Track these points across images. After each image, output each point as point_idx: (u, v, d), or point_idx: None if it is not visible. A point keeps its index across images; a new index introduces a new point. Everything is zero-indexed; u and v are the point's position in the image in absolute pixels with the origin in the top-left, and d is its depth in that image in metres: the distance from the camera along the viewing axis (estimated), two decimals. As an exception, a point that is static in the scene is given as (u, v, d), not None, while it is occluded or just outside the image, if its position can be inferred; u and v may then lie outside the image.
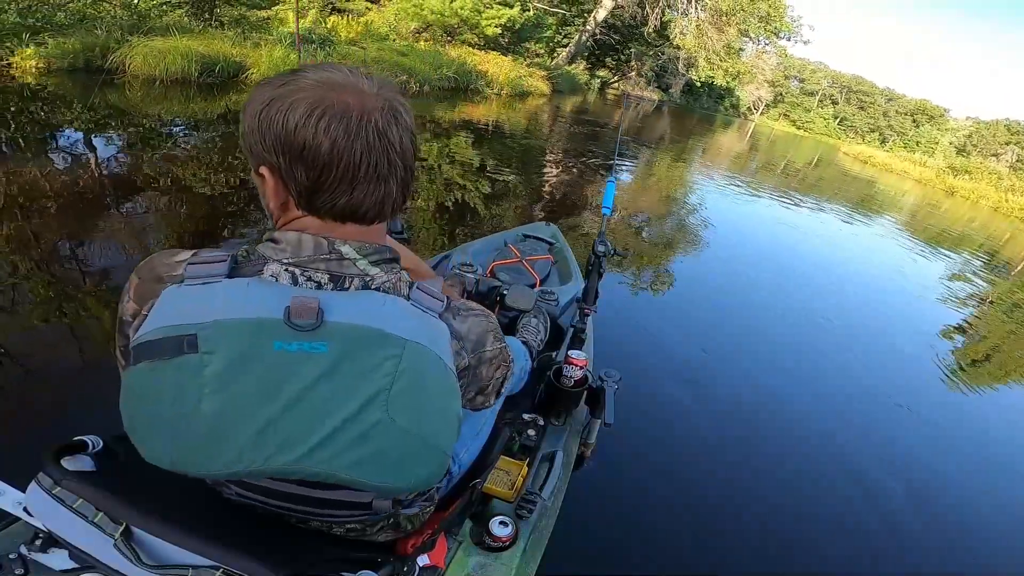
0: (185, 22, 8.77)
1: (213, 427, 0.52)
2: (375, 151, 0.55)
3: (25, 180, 3.35)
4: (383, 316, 0.56)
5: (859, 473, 2.22)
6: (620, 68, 26.34)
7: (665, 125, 18.15)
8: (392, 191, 0.59)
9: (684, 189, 7.63)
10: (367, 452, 0.54)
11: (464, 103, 10.60)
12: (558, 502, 1.17)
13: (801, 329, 3.58)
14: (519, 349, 1.23)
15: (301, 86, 0.55)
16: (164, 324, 0.53)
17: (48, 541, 0.61)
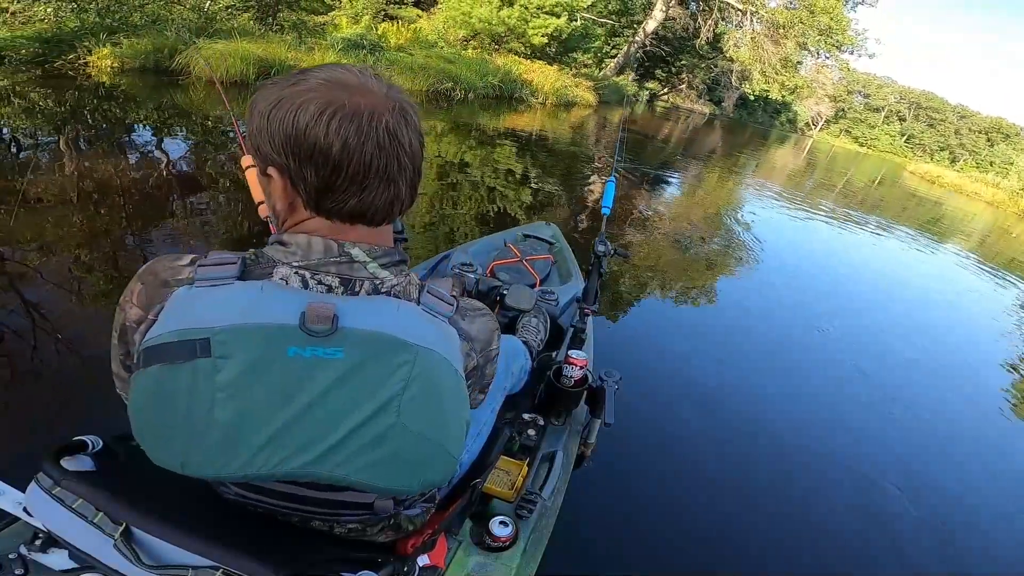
0: (249, 26, 9.35)
1: (226, 432, 0.52)
2: (386, 152, 0.56)
3: (98, 175, 3.66)
4: (397, 322, 0.57)
5: (865, 481, 2.21)
6: (670, 80, 26.17)
7: (716, 139, 17.87)
8: (401, 192, 0.59)
9: (733, 205, 7.49)
10: (379, 456, 0.55)
11: (508, 112, 10.80)
12: (558, 502, 1.18)
13: (836, 351, 3.46)
14: (519, 348, 1.28)
15: (311, 86, 0.55)
16: (177, 327, 0.53)
17: (48, 541, 0.62)
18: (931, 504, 2.18)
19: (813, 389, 2.89)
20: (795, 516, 1.95)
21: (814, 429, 2.50)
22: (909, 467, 2.40)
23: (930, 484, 2.32)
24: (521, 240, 2.36)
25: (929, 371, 3.48)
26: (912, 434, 2.68)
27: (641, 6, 21.04)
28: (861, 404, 2.84)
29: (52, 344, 1.91)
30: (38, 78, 6.12)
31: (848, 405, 2.81)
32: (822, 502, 2.05)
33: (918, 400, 3.02)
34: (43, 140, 4.39)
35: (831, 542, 1.86)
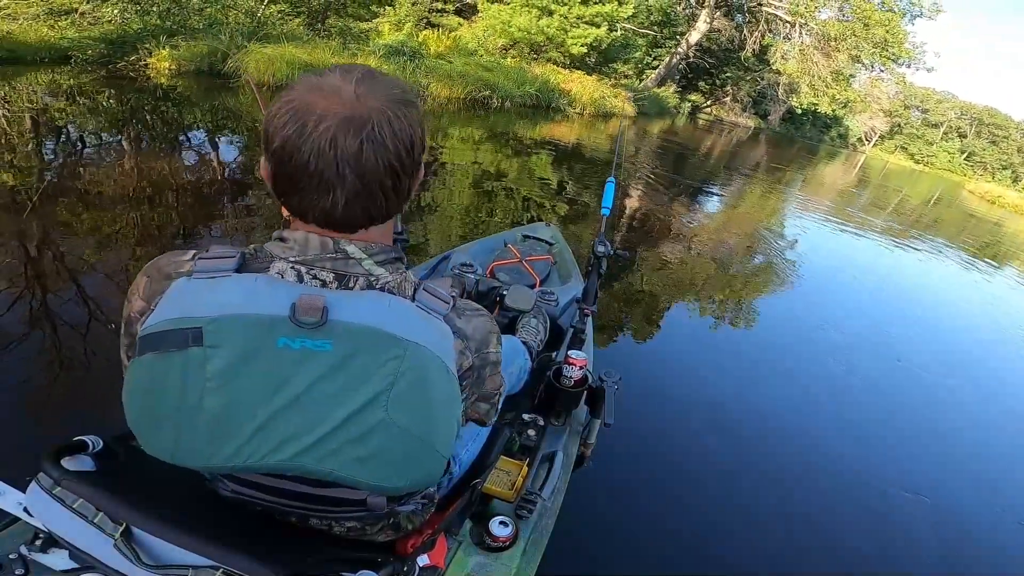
0: (299, 31, 9.82)
1: (215, 422, 0.54)
2: (324, 158, 0.55)
3: (153, 174, 3.92)
4: (388, 317, 0.58)
5: (869, 486, 2.22)
6: (714, 93, 25.94)
7: (760, 153, 17.58)
8: (339, 202, 0.57)
9: (776, 222, 7.36)
10: (366, 451, 0.56)
11: (545, 121, 10.94)
12: (558, 502, 1.19)
13: (859, 373, 3.35)
14: (519, 349, 1.31)
15: (302, 84, 0.57)
16: (171, 316, 0.55)
17: (48, 541, 0.64)
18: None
19: (826, 402, 2.87)
20: (796, 517, 1.97)
21: (819, 437, 2.51)
22: (924, 480, 2.34)
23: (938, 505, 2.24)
24: (521, 241, 2.39)
25: (968, 409, 3.26)
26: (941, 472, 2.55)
27: (684, 17, 21.00)
28: (875, 420, 2.79)
29: (107, 338, 2.03)
30: (102, 79, 6.58)
31: (859, 419, 2.76)
32: (823, 504, 2.07)
33: (950, 439, 2.85)
34: (105, 139, 4.73)
35: (833, 545, 1.89)
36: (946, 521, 2.13)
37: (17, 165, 3.71)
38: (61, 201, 3.21)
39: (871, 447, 2.51)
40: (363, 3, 13.75)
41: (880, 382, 3.22)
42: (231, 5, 9.03)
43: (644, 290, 3.77)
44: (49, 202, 3.17)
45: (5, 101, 5.19)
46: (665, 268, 4.29)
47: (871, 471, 2.31)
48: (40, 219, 2.96)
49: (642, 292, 3.73)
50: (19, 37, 6.68)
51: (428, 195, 4.73)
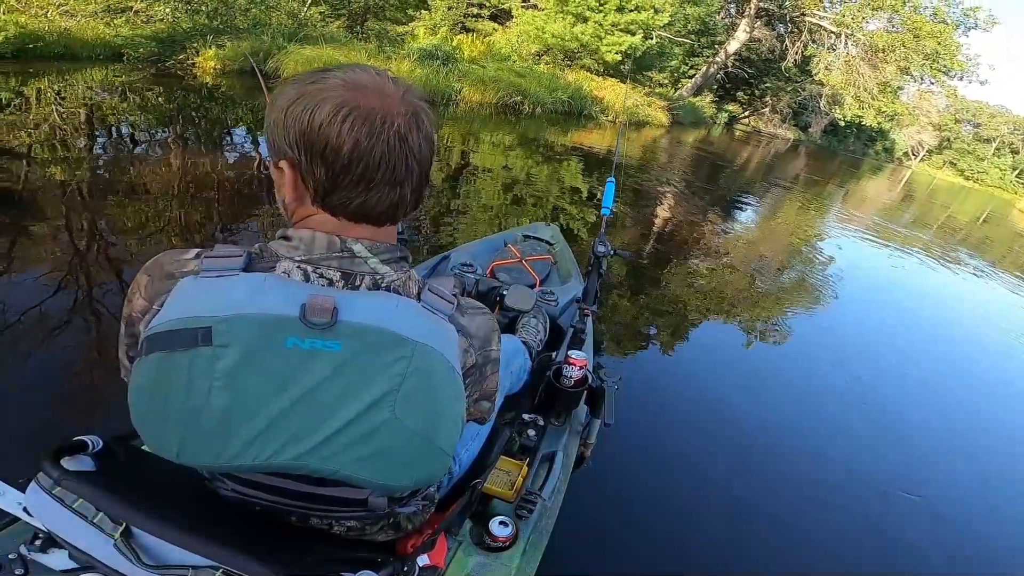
0: (338, 33, 10.16)
1: (221, 421, 0.54)
2: (394, 155, 0.58)
3: (198, 171, 4.13)
4: (396, 318, 0.59)
5: (874, 494, 2.24)
6: (752, 103, 25.62)
7: (800, 166, 17.27)
8: (406, 195, 0.62)
9: (814, 237, 7.24)
10: (371, 450, 0.57)
11: (576, 128, 11.00)
12: (558, 502, 1.21)
13: (878, 393, 3.26)
14: (519, 349, 1.34)
15: (329, 85, 0.58)
16: (179, 316, 0.56)
17: (48, 541, 0.64)
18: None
19: (834, 412, 2.85)
20: (796, 517, 2.01)
21: (823, 444, 2.54)
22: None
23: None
24: (521, 241, 2.42)
25: (1002, 447, 3.07)
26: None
27: (723, 27, 20.83)
28: (882, 433, 2.77)
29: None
30: (151, 77, 6.95)
31: (867, 431, 2.75)
32: (823, 505, 2.11)
33: (973, 476, 2.68)
34: (152, 136, 5.01)
35: (833, 547, 1.92)
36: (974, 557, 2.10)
37: (69, 159, 3.97)
38: (108, 196, 3.43)
39: (878, 457, 2.52)
40: (401, 7, 14.13)
41: (896, 399, 3.17)
42: (274, 6, 9.42)
43: (669, 297, 3.79)
44: (97, 196, 3.39)
45: (60, 97, 5.53)
46: (693, 278, 4.30)
47: (875, 477, 2.34)
48: (88, 212, 3.17)
49: (666, 299, 3.75)
50: (76, 34, 7.10)
51: (458, 200, 4.85)
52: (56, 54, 6.71)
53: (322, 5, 11.42)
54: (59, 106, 5.20)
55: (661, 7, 14.08)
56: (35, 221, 2.92)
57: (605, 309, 3.30)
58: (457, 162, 6.45)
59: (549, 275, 2.22)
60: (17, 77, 5.95)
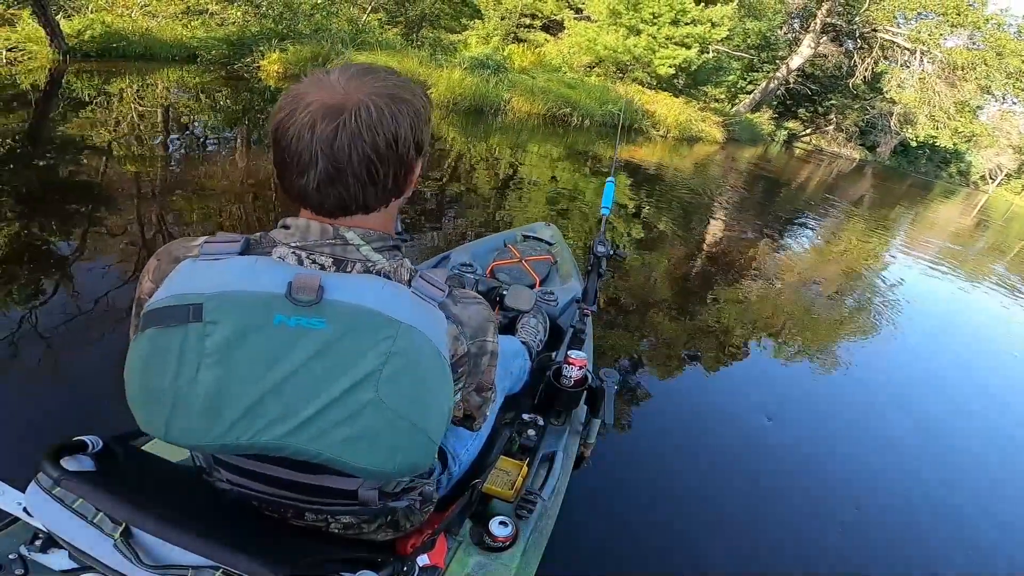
0: (395, 40, 10.60)
1: (209, 398, 0.56)
2: (302, 141, 0.60)
3: (261, 171, 4.42)
4: (382, 298, 0.61)
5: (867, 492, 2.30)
6: (815, 121, 24.89)
7: (865, 187, 16.67)
8: (310, 183, 0.62)
9: (875, 264, 7.00)
10: (354, 432, 0.58)
11: (626, 142, 11.04)
12: (558, 502, 1.23)
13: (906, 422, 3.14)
14: (519, 349, 1.37)
15: (309, 77, 0.64)
16: (174, 293, 0.59)
17: (48, 541, 0.66)
18: None
19: (845, 427, 2.85)
20: (796, 517, 2.07)
21: (826, 451, 2.58)
22: None
23: None
24: (521, 241, 2.46)
25: None
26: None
27: (786, 41, 20.42)
28: (892, 445, 2.75)
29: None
30: (221, 78, 7.48)
31: (880, 443, 2.74)
32: (823, 507, 2.17)
33: None
34: (221, 136, 5.39)
35: (834, 544, 1.99)
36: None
37: (143, 156, 4.34)
38: (176, 192, 3.74)
39: (887, 469, 2.53)
40: (455, 16, 14.60)
41: (947, 449, 2.95)
42: (335, 12, 9.94)
43: (711, 317, 3.79)
44: (166, 192, 3.71)
45: (139, 96, 6.03)
46: (740, 299, 4.28)
47: (881, 486, 2.36)
48: (156, 207, 3.46)
49: (708, 318, 3.75)
50: (156, 35, 7.73)
51: (503, 211, 4.98)
52: (137, 54, 7.33)
53: (380, 12, 11.96)
54: (137, 105, 5.68)
55: (719, 21, 13.98)
56: (108, 214, 3.23)
57: (642, 324, 3.34)
58: (505, 172, 6.61)
59: (549, 275, 2.25)
60: (100, 76, 6.54)
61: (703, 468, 2.21)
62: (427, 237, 3.89)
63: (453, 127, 8.42)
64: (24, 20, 6.61)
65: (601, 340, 2.95)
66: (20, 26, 6.61)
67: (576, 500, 1.40)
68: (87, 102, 5.52)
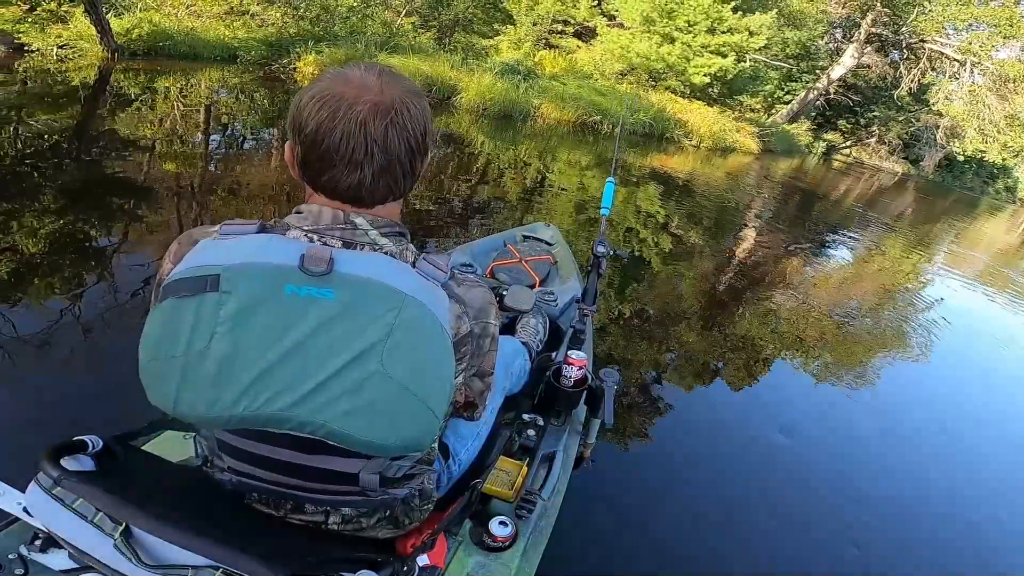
0: (427, 44, 10.79)
1: (219, 367, 0.59)
2: (353, 138, 0.65)
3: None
4: (387, 272, 0.65)
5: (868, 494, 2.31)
6: (855, 132, 24.34)
7: (907, 202, 16.23)
8: (366, 178, 0.68)
9: (913, 282, 6.83)
10: (358, 404, 0.60)
11: (657, 152, 11.03)
12: (558, 502, 1.24)
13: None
14: (519, 349, 1.40)
15: (324, 77, 0.68)
16: (193, 265, 0.63)
17: (48, 541, 0.67)
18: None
19: (851, 437, 2.86)
20: (796, 520, 2.11)
21: (829, 457, 2.61)
22: None
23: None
24: (521, 241, 2.49)
25: None
26: None
27: (827, 51, 20.05)
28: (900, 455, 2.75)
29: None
30: (259, 79, 7.75)
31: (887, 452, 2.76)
32: (823, 508, 2.21)
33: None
34: (258, 136, 5.60)
35: (834, 547, 2.02)
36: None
37: (184, 154, 4.54)
38: (214, 189, 3.91)
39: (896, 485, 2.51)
40: (488, 21, 14.77)
41: (974, 483, 2.79)
42: (370, 15, 10.18)
43: (737, 332, 3.77)
44: (205, 190, 3.88)
45: (182, 95, 6.30)
46: (769, 314, 4.25)
47: (897, 520, 2.33)
48: (195, 204, 3.62)
49: (734, 333, 3.73)
50: (200, 34, 8.04)
51: (531, 215, 5.04)
52: (181, 53, 7.64)
53: (414, 16, 12.20)
54: (180, 103, 5.93)
55: (757, 30, 13.83)
56: (149, 211, 3.40)
57: (665, 334, 3.36)
58: (532, 179, 6.68)
59: (549, 275, 2.28)
60: (146, 74, 6.85)
61: (706, 471, 2.25)
62: (448, 242, 3.96)
63: (482, 132, 8.56)
64: (77, 18, 6.94)
65: (622, 348, 2.99)
66: (73, 23, 6.95)
67: (576, 500, 1.41)
68: (133, 100, 5.79)
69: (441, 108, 8.86)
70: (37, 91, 5.54)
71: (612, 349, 2.96)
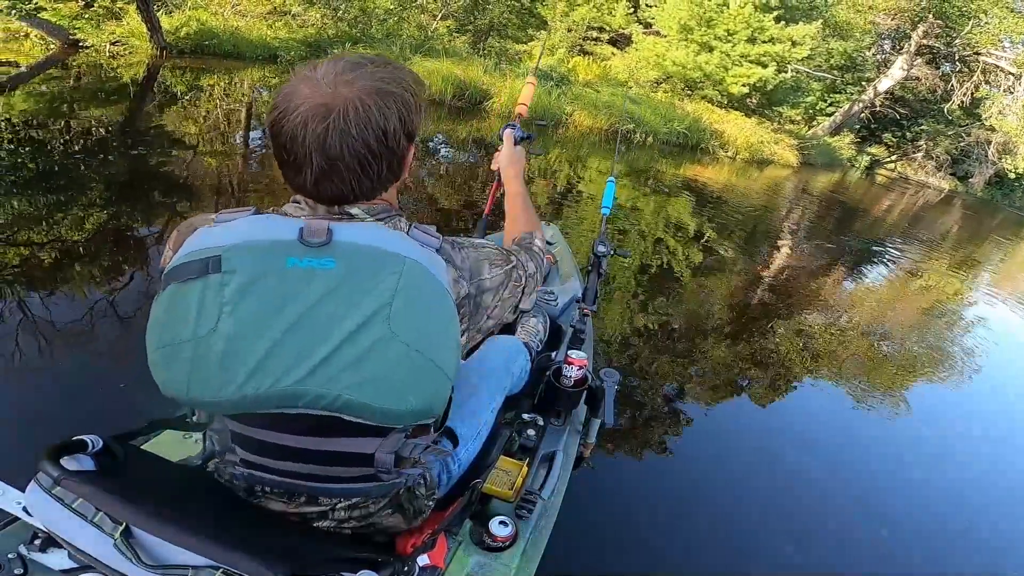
0: (462, 48, 10.94)
1: (228, 346, 0.60)
2: (295, 140, 0.65)
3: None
4: (385, 239, 0.66)
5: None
6: (901, 147, 23.64)
7: (953, 221, 15.70)
8: (307, 179, 0.67)
9: (956, 303, 6.62)
10: (369, 370, 0.61)
11: (691, 162, 10.97)
12: (558, 502, 1.26)
13: None
14: (519, 349, 1.42)
15: (300, 72, 0.69)
16: (193, 250, 0.64)
17: (48, 541, 0.67)
18: None
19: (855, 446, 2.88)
20: (796, 518, 2.14)
21: (824, 450, 2.67)
22: None
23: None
24: None
25: None
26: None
27: (874, 63, 19.56)
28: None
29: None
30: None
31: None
32: (823, 510, 2.24)
33: None
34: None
35: (832, 548, 2.05)
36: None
37: (225, 152, 4.73)
38: (252, 188, 4.04)
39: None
40: (522, 26, 14.87)
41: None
42: (407, 18, 10.38)
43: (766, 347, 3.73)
44: (243, 188, 4.03)
45: (225, 94, 6.54)
46: (800, 332, 4.21)
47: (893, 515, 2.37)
48: (233, 203, 3.77)
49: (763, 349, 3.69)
50: (244, 34, 8.33)
51: (559, 220, 5.08)
52: (225, 52, 7.93)
53: (450, 20, 12.38)
54: (223, 102, 6.17)
55: (801, 40, 13.58)
56: (190, 207, 3.55)
57: (692, 347, 3.37)
58: (562, 186, 6.72)
59: (549, 275, 2.28)
60: (192, 72, 7.14)
61: (706, 472, 2.29)
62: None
63: (514, 138, 8.58)
64: (130, 15, 7.29)
65: (646, 362, 3.01)
66: (126, 20, 7.30)
67: (576, 500, 1.43)
68: (179, 97, 6.05)
69: (473, 113, 8.98)
70: (89, 86, 5.85)
71: (617, 351, 3.02)
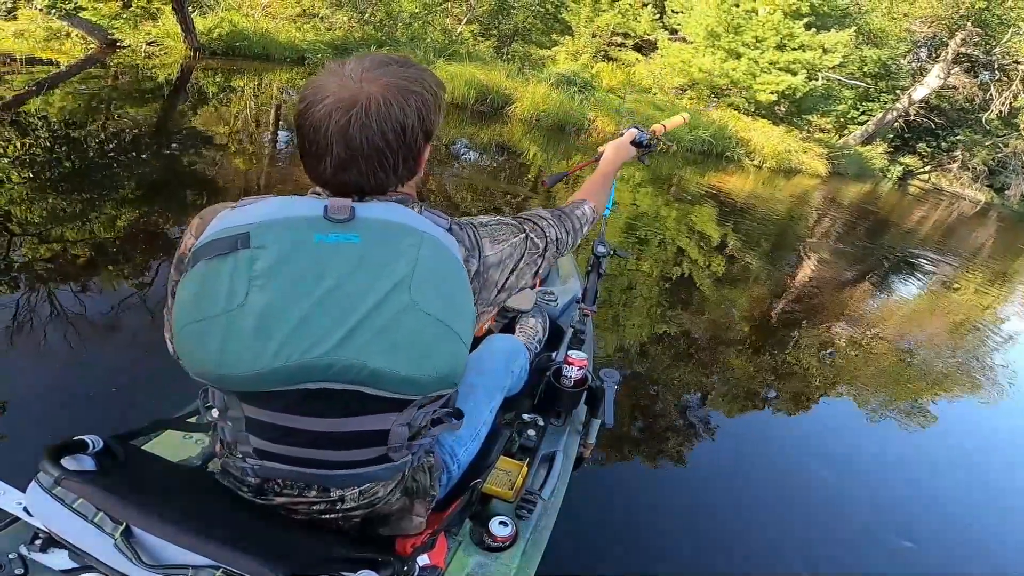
0: (486, 53, 11.03)
1: (259, 321, 0.62)
2: (318, 131, 0.70)
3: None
4: (403, 215, 0.71)
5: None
6: (936, 157, 23.08)
7: (989, 233, 15.29)
8: (327, 168, 0.72)
9: (989, 319, 6.44)
10: (395, 339, 0.65)
11: (715, 170, 10.90)
12: (558, 502, 1.27)
13: None
14: (519, 349, 1.44)
15: (328, 67, 0.74)
16: (221, 227, 0.66)
17: (48, 541, 0.67)
18: None
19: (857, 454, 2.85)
20: (795, 520, 2.14)
21: (827, 456, 2.68)
22: None
23: None
24: None
25: None
26: None
27: (909, 71, 19.17)
28: None
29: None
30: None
31: None
32: (823, 510, 2.25)
33: None
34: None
35: (831, 542, 2.06)
36: None
37: (253, 152, 4.85)
38: (277, 188, 4.15)
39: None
40: (546, 31, 14.94)
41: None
42: (432, 22, 10.51)
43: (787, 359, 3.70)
44: (270, 188, 4.13)
45: (255, 95, 6.72)
46: (825, 346, 4.15)
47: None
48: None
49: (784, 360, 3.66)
50: (273, 35, 8.55)
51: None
52: (255, 53, 8.14)
53: (475, 24, 12.50)
54: (253, 103, 6.33)
55: (832, 47, 13.36)
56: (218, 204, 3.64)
57: (713, 358, 3.41)
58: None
59: (549, 275, 2.30)
60: (223, 73, 7.34)
61: (707, 473, 2.31)
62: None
63: (534, 143, 8.71)
64: (166, 16, 7.53)
65: (652, 365, 3.06)
66: (162, 21, 7.55)
67: (576, 500, 1.44)
68: (211, 97, 6.23)
69: (495, 118, 9.05)
70: (126, 86, 6.07)
71: (628, 355, 3.05)
